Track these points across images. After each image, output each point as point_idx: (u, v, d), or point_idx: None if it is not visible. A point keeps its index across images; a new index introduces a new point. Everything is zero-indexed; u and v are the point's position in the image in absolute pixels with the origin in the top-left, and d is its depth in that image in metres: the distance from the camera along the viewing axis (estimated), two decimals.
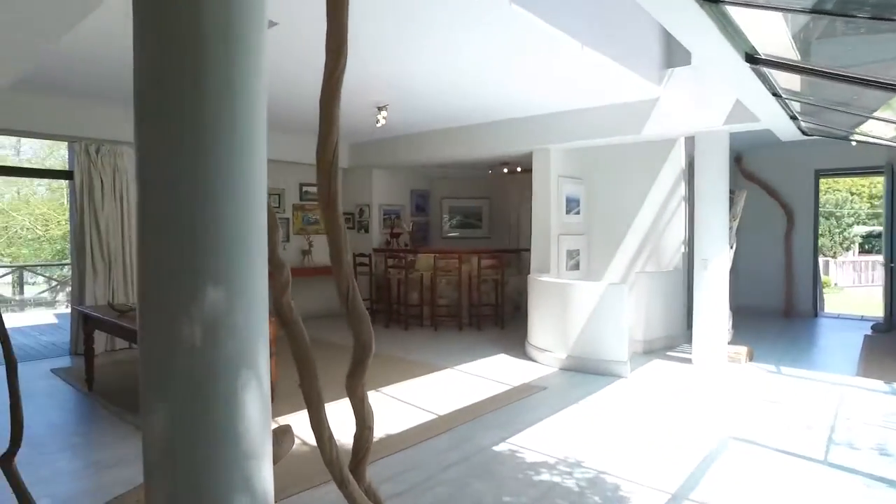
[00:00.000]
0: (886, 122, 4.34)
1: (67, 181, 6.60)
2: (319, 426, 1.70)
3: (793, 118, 4.97)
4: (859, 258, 18.64)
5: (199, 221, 1.21)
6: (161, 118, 1.24)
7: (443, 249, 8.73)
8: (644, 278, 6.49)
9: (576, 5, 4.03)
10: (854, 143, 6.57)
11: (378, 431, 1.49)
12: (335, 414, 1.80)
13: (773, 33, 3.50)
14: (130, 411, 4.27)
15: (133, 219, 6.57)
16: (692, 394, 4.87)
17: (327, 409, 1.68)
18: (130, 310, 4.78)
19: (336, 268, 1.62)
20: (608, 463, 3.41)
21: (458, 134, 7.61)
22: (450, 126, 7.60)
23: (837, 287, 15.99)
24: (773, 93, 4.05)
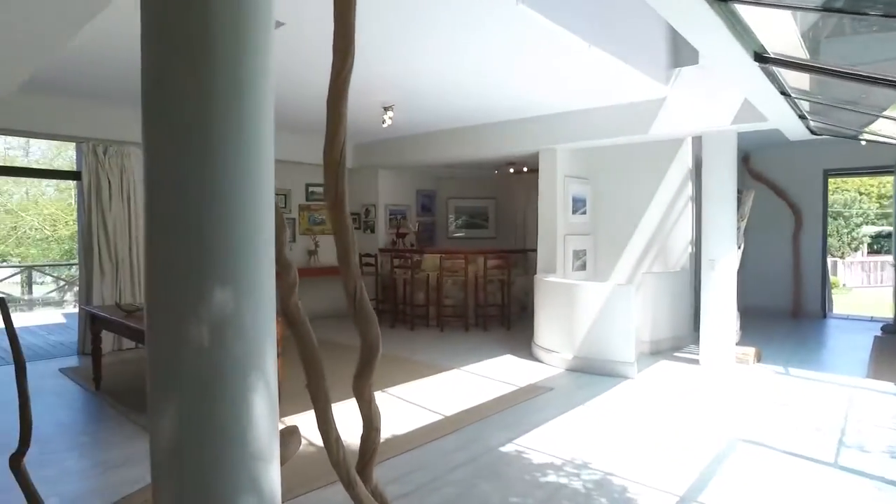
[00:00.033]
0: None
1: (75, 182, 6.63)
2: (327, 427, 1.70)
3: (801, 117, 4.93)
4: (868, 258, 18.51)
5: (207, 222, 1.21)
6: (168, 119, 1.24)
7: (449, 249, 8.72)
8: (651, 279, 6.46)
9: (582, 4, 4.01)
10: (864, 143, 6.51)
11: (384, 432, 1.49)
12: (342, 414, 1.80)
13: (782, 32, 3.47)
14: (137, 411, 4.28)
15: (140, 219, 6.60)
16: (700, 395, 4.84)
17: (334, 410, 1.68)
18: (137, 310, 4.80)
19: (343, 268, 1.61)
20: (615, 464, 3.40)
21: (464, 134, 7.60)
22: (456, 126, 7.59)
23: (846, 288, 15.87)
24: (782, 92, 4.01)
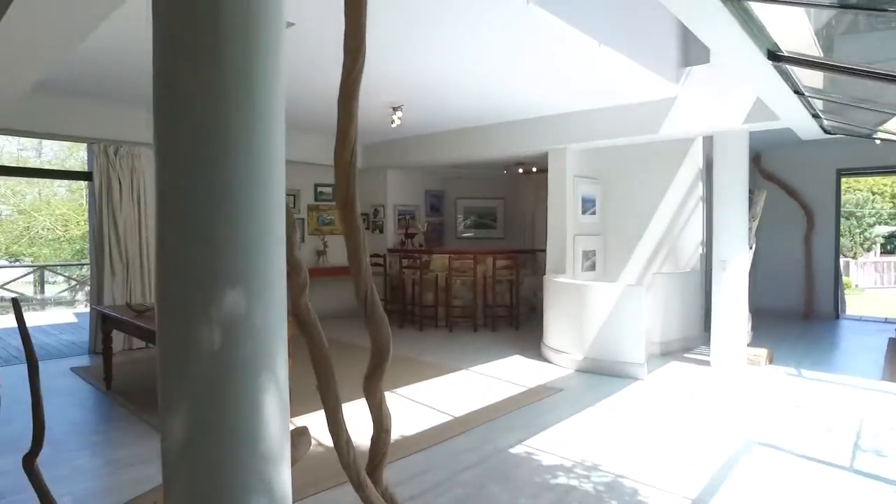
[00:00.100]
0: None
1: (87, 182, 6.68)
2: (337, 429, 1.69)
3: (815, 116, 4.87)
4: (881, 259, 18.30)
5: (218, 223, 1.21)
6: (179, 120, 1.23)
7: (457, 250, 8.70)
8: (661, 279, 6.42)
9: (593, 3, 3.98)
10: (878, 142, 6.43)
11: (393, 433, 1.49)
12: (352, 415, 1.79)
13: (795, 29, 3.43)
14: (148, 410, 4.30)
15: (150, 220, 6.64)
16: (711, 396, 4.79)
17: (344, 411, 1.67)
18: (148, 310, 4.82)
19: (354, 269, 1.60)
20: (626, 466, 3.37)
21: (473, 134, 7.58)
22: (465, 126, 7.58)
23: (858, 288, 15.70)
24: (795, 90, 3.97)
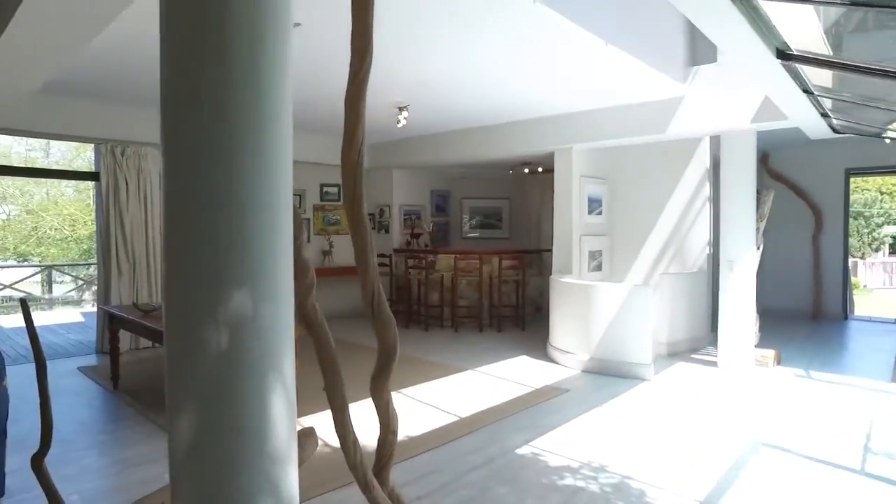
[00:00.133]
0: None
1: (94, 182, 6.71)
2: (344, 430, 1.68)
3: (824, 115, 4.83)
4: (889, 259, 18.17)
5: (225, 223, 1.20)
6: (187, 120, 1.23)
7: (463, 250, 8.69)
8: (668, 280, 6.39)
9: (600, 3, 3.96)
10: (888, 141, 6.37)
11: (399, 433, 1.48)
12: (358, 415, 1.79)
13: (804, 28, 3.40)
14: (155, 410, 4.32)
15: (157, 220, 6.67)
16: (719, 397, 4.76)
17: (350, 411, 1.67)
18: (154, 309, 4.84)
19: (361, 269, 1.59)
20: (633, 468, 3.35)
21: (479, 134, 7.57)
22: (470, 126, 7.56)
23: (866, 289, 15.59)
24: (804, 89, 3.93)
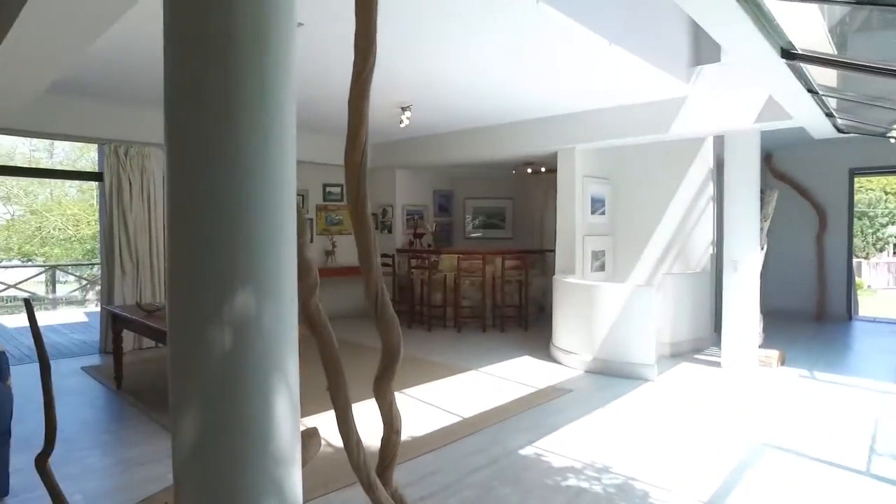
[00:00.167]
0: None
1: (97, 182, 6.72)
2: (347, 431, 1.68)
3: (828, 115, 4.81)
4: (894, 259, 18.09)
5: (229, 223, 1.20)
6: (191, 120, 1.23)
7: (466, 250, 8.68)
8: (671, 280, 6.37)
9: (603, 2, 3.95)
10: (893, 141, 6.35)
11: (402, 433, 1.48)
12: (361, 415, 1.79)
13: (809, 27, 3.39)
14: (158, 410, 4.32)
15: (160, 220, 6.68)
16: (722, 398, 4.74)
17: (353, 411, 1.67)
18: (158, 310, 4.85)
19: (365, 270, 1.59)
20: (637, 468, 3.34)
21: (482, 134, 7.56)
22: (473, 126, 7.55)
23: (871, 289, 15.53)
24: (809, 89, 3.92)
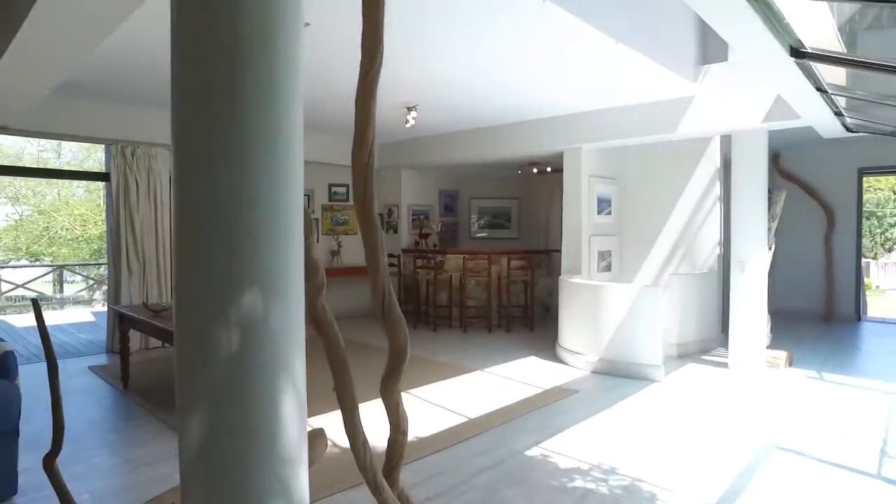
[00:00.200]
0: None
1: (104, 183, 6.75)
2: (354, 431, 1.68)
3: (837, 114, 4.77)
4: None
5: (236, 223, 1.20)
6: (198, 120, 1.22)
7: (472, 250, 8.68)
8: (678, 280, 6.34)
9: (609, 1, 3.93)
10: None
11: (408, 434, 1.48)
12: (367, 415, 1.78)
13: (818, 25, 3.36)
14: (164, 410, 4.33)
15: (166, 220, 6.70)
16: (730, 399, 4.72)
17: (359, 412, 1.66)
18: (164, 310, 4.86)
19: (372, 271, 1.59)
20: (644, 470, 3.32)
21: (488, 134, 7.54)
22: (479, 126, 7.54)
23: (879, 290, 15.42)
24: (818, 88, 3.88)
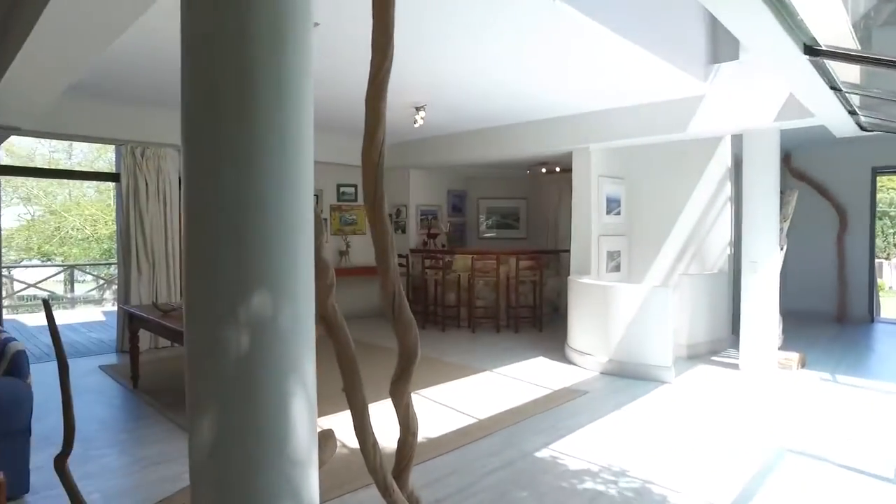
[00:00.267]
0: None
1: (114, 183, 6.79)
2: (364, 433, 1.66)
3: (851, 113, 4.71)
4: None
5: (245, 223, 1.19)
6: (208, 120, 1.22)
7: (480, 250, 8.65)
8: (687, 280, 6.29)
9: (619, 0, 3.90)
10: None
11: (418, 435, 1.49)
12: (377, 416, 1.77)
13: (831, 22, 3.31)
14: (174, 409, 4.35)
15: (176, 220, 6.73)
16: (742, 401, 4.67)
17: (369, 412, 1.65)
18: (173, 309, 4.88)
19: (382, 270, 1.57)
20: (654, 472, 3.29)
21: (496, 134, 7.52)
22: (487, 126, 7.51)
23: (892, 291, 15.25)
24: (832, 86, 3.83)
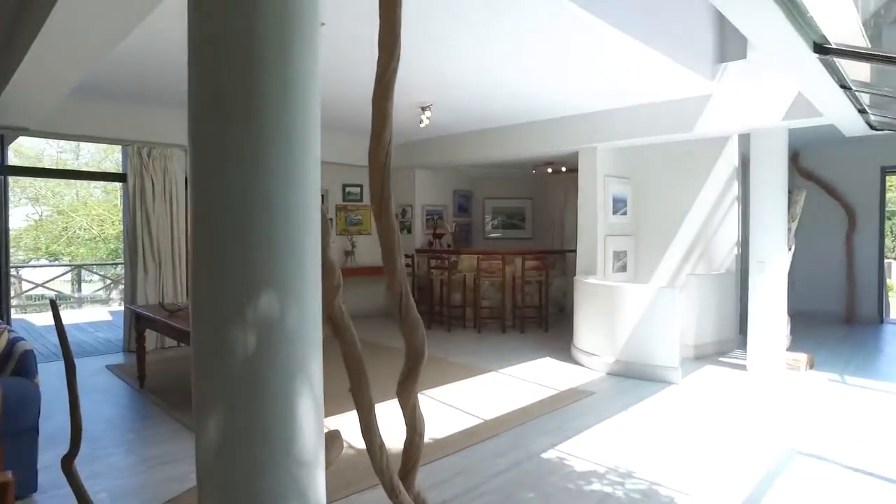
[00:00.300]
0: None
1: (121, 183, 6.82)
2: (370, 434, 1.66)
3: (861, 112, 4.67)
4: None
5: (252, 223, 1.18)
6: (215, 120, 1.21)
7: (486, 250, 8.64)
8: (694, 281, 6.25)
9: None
10: None
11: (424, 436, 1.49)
12: (383, 417, 1.77)
13: (842, 19, 3.28)
14: (180, 409, 4.36)
15: (182, 220, 6.75)
16: (749, 402, 4.63)
17: (376, 413, 1.65)
18: (180, 309, 4.89)
19: (389, 270, 1.57)
20: (662, 474, 3.27)
21: (502, 134, 7.50)
22: (493, 126, 7.50)
23: None
24: (842, 85, 3.80)
